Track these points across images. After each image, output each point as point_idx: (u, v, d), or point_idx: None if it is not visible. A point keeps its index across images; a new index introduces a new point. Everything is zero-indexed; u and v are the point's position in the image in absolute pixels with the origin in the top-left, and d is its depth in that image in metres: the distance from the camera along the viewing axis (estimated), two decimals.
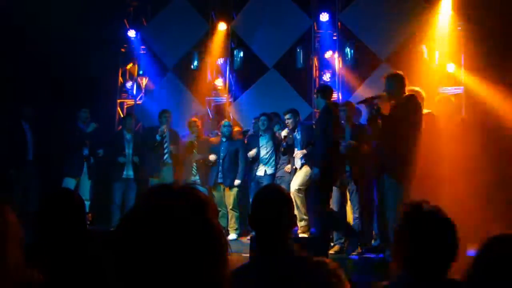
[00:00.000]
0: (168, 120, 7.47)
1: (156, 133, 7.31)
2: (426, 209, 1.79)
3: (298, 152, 6.27)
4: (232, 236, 6.86)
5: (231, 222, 7.00)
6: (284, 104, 7.14)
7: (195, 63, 9.02)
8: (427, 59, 7.83)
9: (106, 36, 8.64)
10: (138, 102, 9.42)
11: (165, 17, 9.29)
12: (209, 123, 8.19)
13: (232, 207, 7.01)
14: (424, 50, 7.80)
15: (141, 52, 9.42)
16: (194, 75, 9.13)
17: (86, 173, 7.19)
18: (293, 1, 8.66)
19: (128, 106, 9.54)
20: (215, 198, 7.05)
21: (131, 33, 9.33)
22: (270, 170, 6.84)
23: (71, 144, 7.18)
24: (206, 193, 6.59)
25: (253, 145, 7.01)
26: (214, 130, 7.81)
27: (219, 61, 9.22)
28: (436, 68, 7.84)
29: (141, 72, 9.46)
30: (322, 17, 8.50)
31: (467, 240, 2.17)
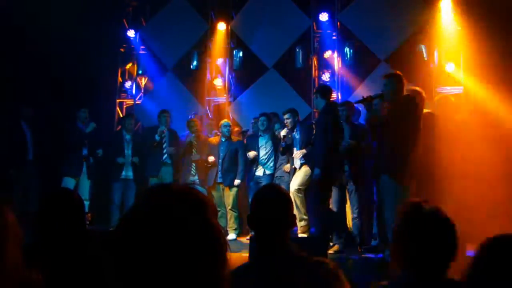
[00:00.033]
0: (167, 120, 7.46)
1: (156, 133, 7.30)
2: (426, 209, 1.79)
3: (298, 152, 6.26)
4: (232, 236, 6.85)
5: (230, 222, 7.00)
6: (284, 104, 7.13)
7: (195, 63, 9.01)
8: (427, 59, 7.85)
9: (105, 36, 8.63)
10: (138, 102, 9.40)
11: (165, 17, 9.27)
12: (209, 123, 8.18)
13: (232, 207, 7.01)
14: (424, 50, 7.82)
15: (141, 52, 9.41)
16: (194, 75, 9.12)
17: (86, 173, 7.19)
18: (293, 1, 8.65)
19: (128, 106, 9.52)
20: (214, 198, 7.05)
21: (130, 33, 9.32)
22: (269, 170, 6.84)
23: (71, 144, 7.17)
24: (205, 193, 6.61)
25: (253, 145, 7.00)
26: (213, 130, 7.81)
27: (219, 61, 9.21)
28: (435, 68, 7.86)
29: (141, 72, 9.45)
30: (322, 17, 8.51)
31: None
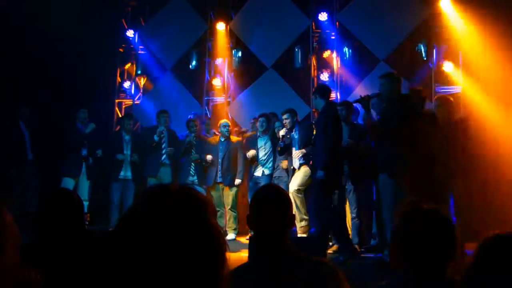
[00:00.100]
0: (167, 120, 7.46)
1: (155, 134, 7.30)
2: (425, 209, 1.79)
3: (298, 152, 6.24)
4: (231, 236, 6.85)
5: (230, 222, 7.00)
6: (283, 104, 7.13)
7: (194, 63, 9.00)
8: (425, 59, 7.86)
9: (105, 36, 8.62)
10: (136, 102, 9.39)
11: (164, 17, 9.26)
12: (208, 123, 8.18)
13: (231, 207, 7.01)
14: (422, 50, 7.82)
15: (140, 52, 9.39)
16: (193, 75, 9.12)
17: (85, 174, 7.18)
18: (292, 1, 8.64)
19: (126, 106, 9.51)
20: (213, 198, 7.05)
21: (130, 33, 9.31)
22: (268, 171, 6.84)
23: (70, 144, 7.16)
24: (204, 193, 6.62)
25: (252, 146, 7.01)
26: (212, 130, 7.81)
27: (218, 61, 9.20)
28: (434, 68, 7.86)
29: (140, 72, 9.43)
30: (321, 17, 8.49)
31: None
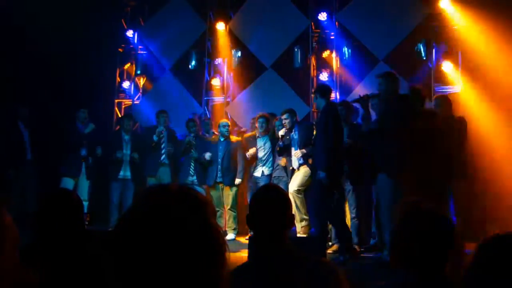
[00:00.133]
0: (166, 120, 7.46)
1: (154, 133, 7.29)
2: (425, 209, 1.79)
3: (297, 152, 6.24)
4: (230, 236, 6.85)
5: (229, 222, 7.00)
6: (282, 104, 7.13)
7: (193, 63, 9.00)
8: (425, 58, 7.86)
9: (104, 36, 8.62)
10: (136, 102, 9.39)
11: (163, 17, 9.26)
12: (207, 123, 8.17)
13: (231, 207, 7.01)
14: (422, 49, 7.82)
15: (139, 52, 9.40)
16: (192, 75, 9.11)
17: (84, 174, 7.18)
18: (291, 1, 8.64)
19: (126, 106, 9.51)
20: (213, 198, 7.05)
21: (129, 33, 9.32)
22: (268, 171, 6.84)
23: (70, 144, 7.16)
24: (204, 194, 6.61)
25: (251, 146, 7.01)
26: (211, 130, 7.81)
27: (217, 61, 9.20)
28: (434, 67, 7.87)
29: (139, 72, 9.43)
30: (320, 17, 8.50)
31: None
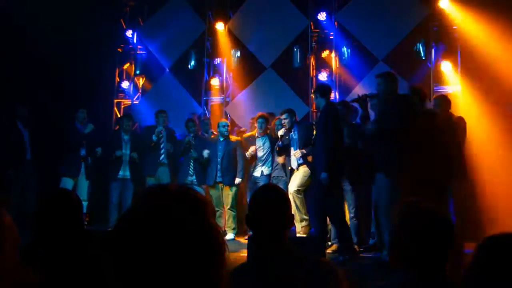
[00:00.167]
0: (165, 120, 7.45)
1: (153, 133, 7.29)
2: (425, 209, 1.79)
3: (297, 151, 6.23)
4: (230, 236, 6.85)
5: (229, 222, 6.99)
6: (281, 104, 7.13)
7: (192, 63, 8.99)
8: (424, 58, 7.86)
9: (103, 36, 8.62)
10: (135, 102, 9.38)
11: (162, 17, 9.26)
12: (206, 123, 8.17)
13: (230, 207, 7.01)
14: (421, 49, 7.83)
15: (138, 52, 9.40)
16: (191, 75, 9.11)
17: (84, 174, 7.17)
18: (290, 1, 8.64)
19: (125, 106, 9.51)
20: (213, 198, 7.04)
21: (128, 33, 9.32)
22: (267, 171, 6.84)
23: (69, 144, 7.16)
24: (203, 193, 6.61)
25: (250, 146, 7.01)
26: (210, 130, 7.81)
27: (216, 61, 9.21)
28: (433, 67, 7.87)
29: (138, 72, 9.43)
30: (319, 17, 8.50)
31: None
